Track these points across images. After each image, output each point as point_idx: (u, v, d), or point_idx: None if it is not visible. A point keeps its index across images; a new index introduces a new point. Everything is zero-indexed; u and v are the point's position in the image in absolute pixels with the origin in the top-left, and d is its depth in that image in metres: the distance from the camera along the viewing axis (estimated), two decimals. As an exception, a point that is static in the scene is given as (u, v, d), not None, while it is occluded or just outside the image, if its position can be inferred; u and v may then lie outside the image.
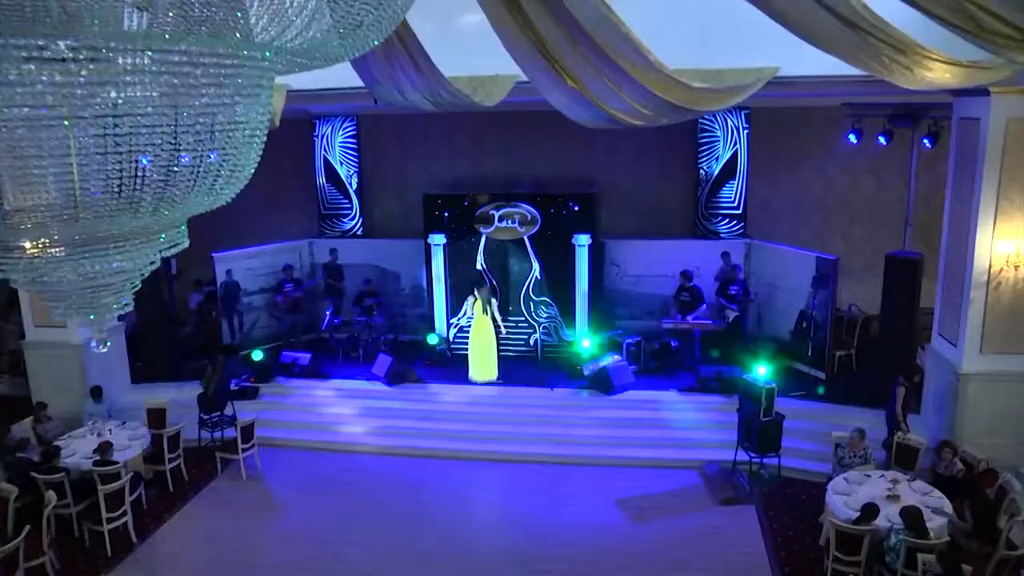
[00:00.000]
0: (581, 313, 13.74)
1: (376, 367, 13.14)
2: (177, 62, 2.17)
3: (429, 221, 13.87)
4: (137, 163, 2.18)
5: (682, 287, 13.18)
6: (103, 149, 2.16)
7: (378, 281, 14.81)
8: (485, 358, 12.97)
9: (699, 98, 7.33)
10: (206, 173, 2.55)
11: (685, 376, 12.93)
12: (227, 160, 2.63)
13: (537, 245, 13.67)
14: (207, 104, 2.33)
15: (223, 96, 2.38)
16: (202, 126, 2.37)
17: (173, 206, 2.42)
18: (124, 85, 2.11)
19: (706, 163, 14.42)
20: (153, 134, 2.21)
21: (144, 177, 2.31)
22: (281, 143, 15.91)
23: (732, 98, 8.03)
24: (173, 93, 2.24)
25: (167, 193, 2.40)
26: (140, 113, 2.20)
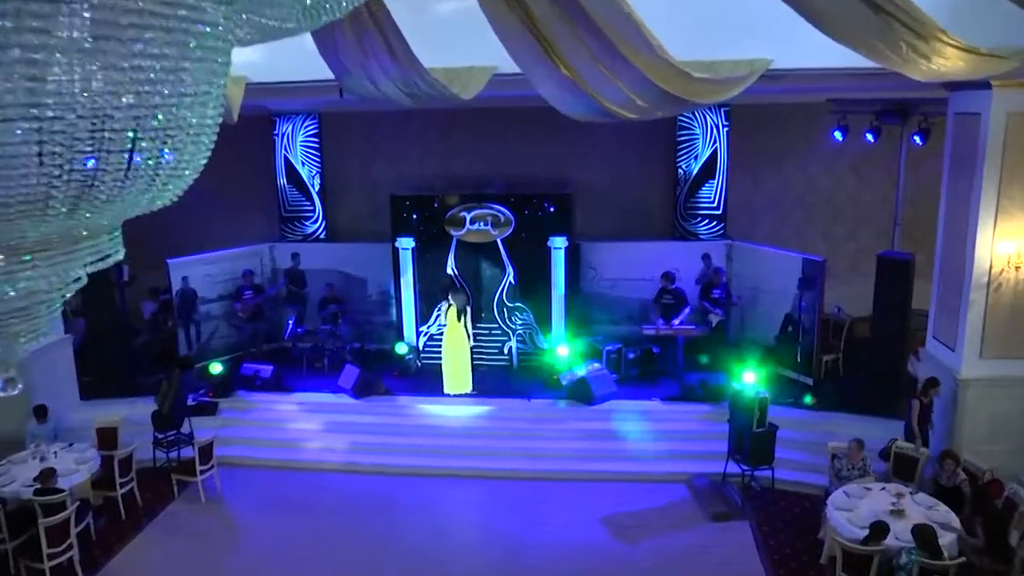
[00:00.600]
0: (557, 319, 13.20)
1: (342, 379, 12.46)
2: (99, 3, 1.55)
3: (397, 224, 13.22)
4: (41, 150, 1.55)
5: (664, 290, 12.69)
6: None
7: (343, 287, 14.14)
8: (459, 369, 12.37)
9: (699, 89, 6.81)
10: (147, 165, 1.93)
11: (668, 384, 12.45)
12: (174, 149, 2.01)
13: (511, 248, 13.11)
14: (143, 67, 1.71)
15: (166, 58, 1.76)
16: (139, 98, 1.75)
17: (98, 207, 1.79)
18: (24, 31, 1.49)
19: (685, 162, 13.97)
20: (65, 105, 1.58)
21: (61, 168, 1.68)
22: (239, 142, 15.27)
23: (730, 90, 7.52)
24: (96, 50, 1.62)
25: (90, 190, 1.77)
26: (49, 78, 1.57)
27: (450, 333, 12.40)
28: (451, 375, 12.38)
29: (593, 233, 13.98)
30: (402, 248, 13.26)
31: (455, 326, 12.36)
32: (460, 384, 12.40)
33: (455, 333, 12.37)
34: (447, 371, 12.39)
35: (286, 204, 14.88)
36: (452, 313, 12.36)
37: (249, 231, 14.66)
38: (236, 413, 12.16)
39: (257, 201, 15.05)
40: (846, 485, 8.98)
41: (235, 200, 14.78)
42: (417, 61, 6.23)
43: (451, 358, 12.39)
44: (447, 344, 12.44)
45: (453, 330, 12.38)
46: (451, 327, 12.38)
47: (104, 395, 12.08)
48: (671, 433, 11.42)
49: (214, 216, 14.60)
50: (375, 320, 14.26)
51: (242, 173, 14.77)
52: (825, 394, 11.86)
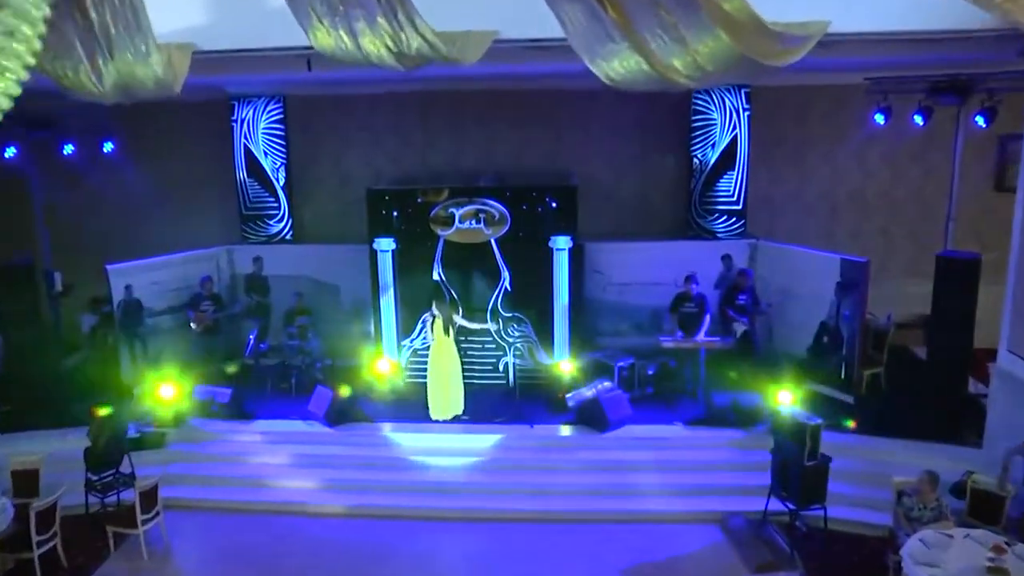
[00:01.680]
0: (561, 330, 11.75)
1: (313, 403, 10.91)
2: None
3: (374, 222, 11.70)
4: None
5: (684, 296, 11.29)
6: None
7: (312, 296, 12.63)
8: (448, 390, 10.87)
9: (768, 49, 5.41)
10: None
11: (691, 405, 11.05)
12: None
13: (506, 250, 11.64)
14: None
15: None
16: None
17: None
18: None
19: (701, 150, 12.59)
20: None
21: None
22: (192, 130, 13.78)
23: (794, 54, 6.14)
24: None
25: None
26: None
27: (437, 350, 10.90)
28: (439, 398, 10.88)
29: (597, 232, 12.55)
30: (381, 250, 11.74)
31: (443, 341, 10.87)
32: (449, 407, 10.91)
33: (443, 349, 10.88)
34: (434, 393, 10.89)
35: (247, 201, 13.30)
36: (438, 327, 10.86)
37: (205, 232, 13.12)
38: (188, 446, 10.57)
39: (214, 198, 13.51)
40: (919, 530, 7.60)
41: (188, 197, 13.28)
42: (409, 2, 4.76)
43: (439, 378, 10.89)
44: (434, 362, 10.94)
45: (440, 346, 10.88)
46: (438, 343, 10.88)
47: (27, 427, 10.41)
48: (698, 464, 10.04)
49: (163, 215, 13.16)
50: (350, 333, 12.73)
51: (196, 165, 13.31)
52: (868, 415, 10.51)
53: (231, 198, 13.34)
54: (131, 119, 12.99)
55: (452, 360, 10.94)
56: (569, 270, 11.60)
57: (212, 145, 13.28)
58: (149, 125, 12.48)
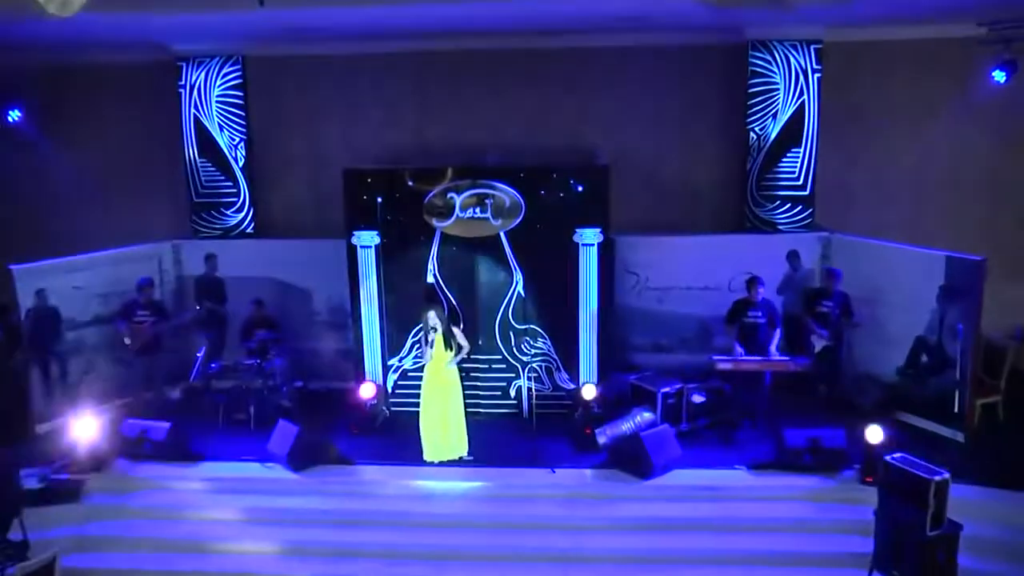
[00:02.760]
0: (588, 346, 9.86)
1: (273, 441, 9.00)
2: None
3: (354, 211, 9.80)
4: None
5: (746, 303, 9.37)
6: None
7: (278, 303, 10.78)
8: (447, 425, 8.96)
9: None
10: None
11: (753, 443, 9.17)
12: None
13: (520, 245, 9.78)
14: None
15: None
16: None
17: None
18: None
19: (759, 123, 10.67)
20: None
21: None
22: (130, 97, 11.73)
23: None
24: None
25: None
26: None
27: (433, 373, 8.99)
28: (436, 435, 8.98)
29: (631, 224, 10.63)
30: (362, 246, 9.84)
31: (440, 362, 8.95)
32: (449, 446, 9.00)
33: (440, 372, 8.96)
34: (430, 429, 8.99)
35: (198, 186, 11.36)
36: (438, 342, 8.93)
37: (145, 224, 11.33)
38: (112, 497, 8.62)
39: (156, 182, 11.66)
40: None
41: (123, 180, 11.50)
42: None
43: (436, 410, 8.98)
44: (430, 389, 9.02)
45: (437, 368, 8.96)
46: (435, 363, 8.96)
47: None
48: (769, 523, 8.11)
49: (91, 203, 11.29)
50: (323, 349, 10.87)
51: (134, 141, 11.57)
52: (982, 457, 8.61)
53: (178, 182, 11.39)
54: (48, 82, 11.13)
55: (452, 386, 9.04)
56: (598, 270, 9.70)
57: (154, 117, 11.40)
58: (71, 90, 10.63)
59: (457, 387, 9.07)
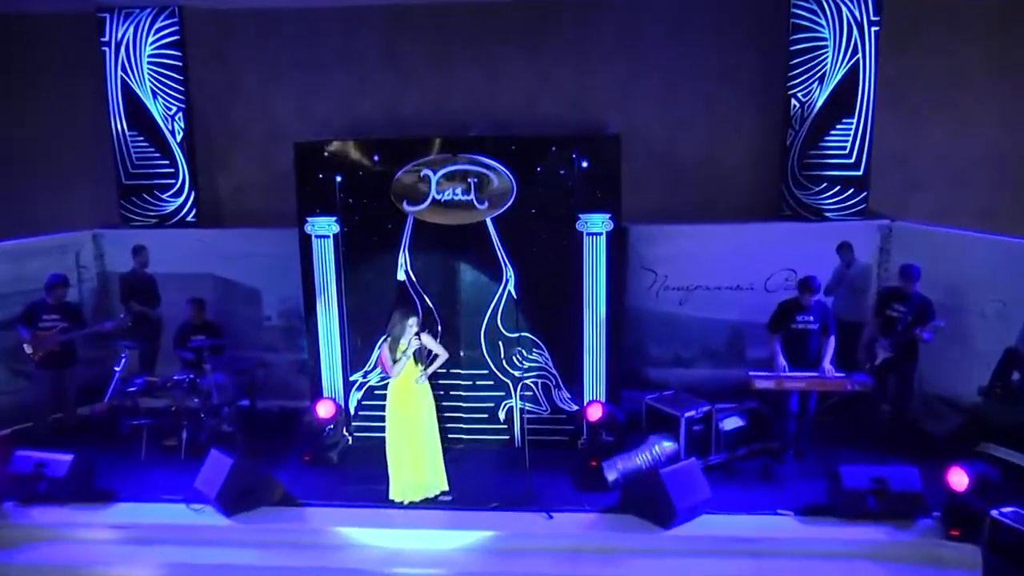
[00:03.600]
0: (595, 359, 8.37)
1: (202, 477, 7.51)
2: None
3: (308, 192, 8.33)
4: None
5: (794, 305, 7.86)
6: None
7: (221, 304, 9.42)
8: (421, 456, 7.48)
9: None
10: None
11: (800, 480, 7.71)
12: None
13: (511, 235, 8.30)
14: None
15: None
16: None
17: None
18: None
19: (803, 88, 9.19)
20: None
21: None
22: (43, 56, 8.93)
23: None
24: None
25: None
26: None
27: (401, 392, 7.49)
28: (405, 469, 7.49)
29: (645, 211, 9.20)
30: (317, 235, 8.37)
31: (409, 378, 7.47)
32: (421, 484, 7.51)
33: (409, 391, 7.47)
34: (398, 462, 7.50)
35: (128, 164, 9.91)
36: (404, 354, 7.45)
37: (60, 210, 10.01)
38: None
39: (75, 159, 10.23)
40: None
41: (32, 157, 10.16)
42: None
43: (405, 438, 7.49)
44: (397, 412, 7.52)
45: (406, 386, 7.47)
46: (403, 381, 7.47)
47: None
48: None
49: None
50: (276, 361, 9.47)
51: (47, 110, 10.15)
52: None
53: (105, 160, 9.91)
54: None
55: (424, 407, 7.54)
56: (606, 266, 8.22)
57: (72, 79, 10.03)
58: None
59: (431, 409, 7.58)
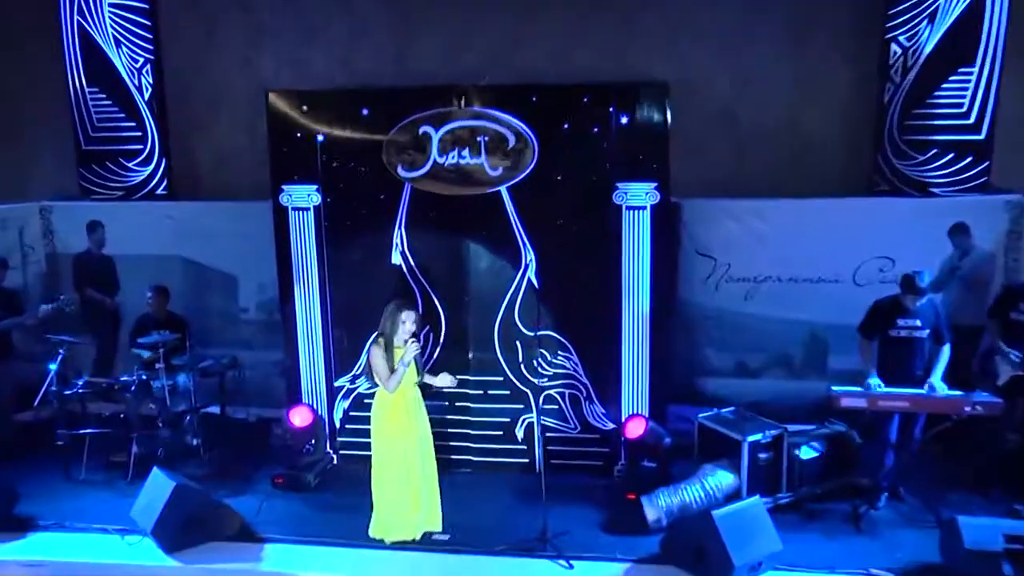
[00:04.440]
0: (634, 366, 6.97)
1: (140, 504, 6.31)
2: None
3: (284, 155, 7.11)
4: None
5: (894, 306, 6.33)
6: None
7: (189, 293, 8.26)
8: (412, 487, 6.12)
9: None
10: None
11: (900, 529, 6.20)
12: None
13: (531, 208, 6.93)
14: None
15: None
16: None
17: None
18: None
19: (906, 31, 7.63)
20: None
21: None
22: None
23: None
24: None
25: None
26: None
27: (389, 407, 6.13)
28: (392, 502, 6.16)
29: (701, 184, 7.78)
30: (294, 207, 7.14)
31: (409, 387, 6.13)
32: (410, 521, 6.17)
33: (399, 407, 6.12)
34: (384, 493, 6.17)
35: (88, 127, 8.78)
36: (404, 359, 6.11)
37: (13, 180, 8.80)
38: None
39: (30, 120, 9.15)
40: None
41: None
42: None
43: (394, 458, 6.13)
44: (384, 431, 6.16)
45: (397, 400, 6.11)
46: (400, 392, 6.11)
47: None
48: None
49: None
50: (253, 362, 8.22)
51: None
52: None
53: (60, 122, 8.82)
54: None
55: (420, 429, 6.19)
56: (652, 250, 6.80)
57: (20, 24, 8.95)
58: None
59: (427, 430, 6.24)
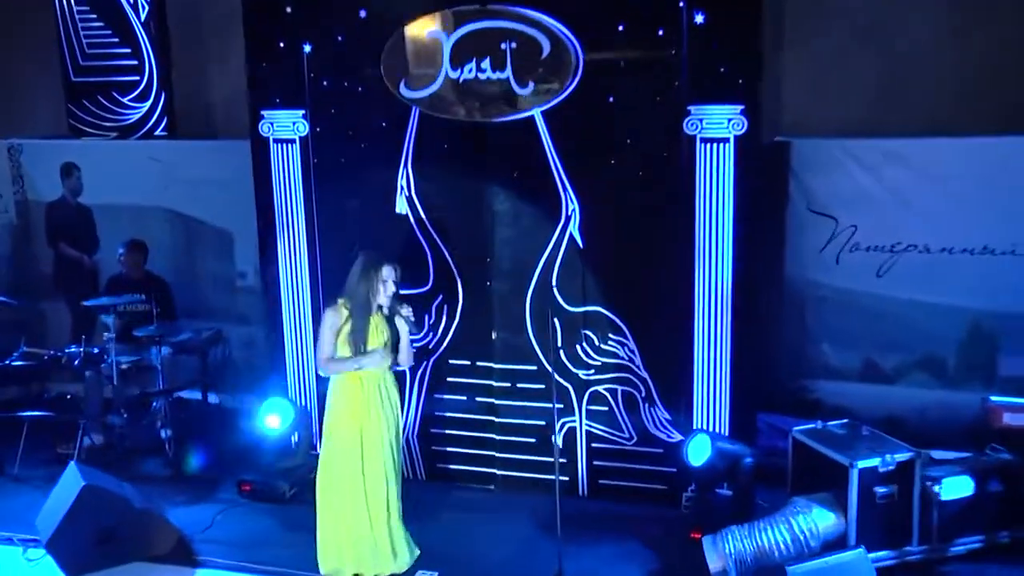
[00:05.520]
0: (710, 357, 5.44)
1: (47, 510, 5.24)
2: None
3: (262, 72, 5.97)
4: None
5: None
6: None
7: (180, 252, 7.40)
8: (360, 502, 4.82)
9: None
10: None
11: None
12: None
13: (573, 141, 5.52)
14: None
15: None
16: None
17: None
18: None
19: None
20: None
21: None
22: None
23: None
24: None
25: None
26: None
27: (355, 399, 4.82)
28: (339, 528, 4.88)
29: (820, 118, 6.21)
30: (276, 139, 5.98)
31: (378, 374, 4.81)
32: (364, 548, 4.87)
33: (372, 400, 4.82)
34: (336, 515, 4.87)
35: (79, 54, 7.84)
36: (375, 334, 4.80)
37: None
38: None
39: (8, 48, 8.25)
40: None
41: None
42: None
43: (352, 477, 4.83)
44: (343, 431, 4.85)
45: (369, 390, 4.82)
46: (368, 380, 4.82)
47: None
48: None
49: None
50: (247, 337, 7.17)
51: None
52: None
53: (46, 48, 7.95)
54: None
55: (376, 426, 4.82)
56: (737, 200, 5.26)
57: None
58: None
59: (393, 431, 4.89)
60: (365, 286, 4.76)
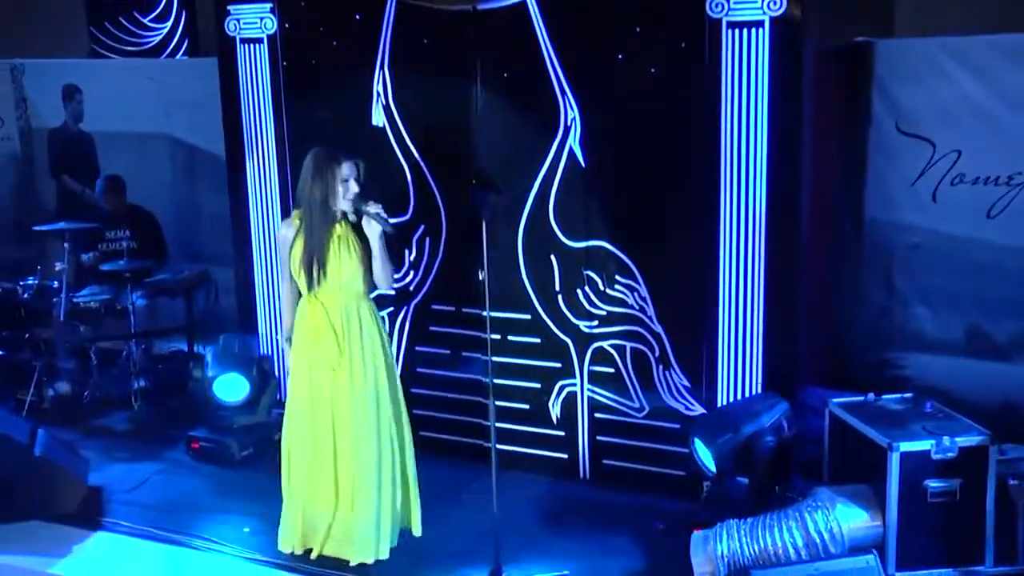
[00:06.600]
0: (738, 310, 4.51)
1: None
2: None
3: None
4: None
5: None
6: None
7: (172, 186, 7.09)
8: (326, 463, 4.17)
9: None
10: None
11: None
12: None
13: (572, 30, 4.66)
14: None
15: None
16: None
17: None
18: None
19: None
20: None
21: None
22: None
23: None
24: None
25: None
26: None
27: (314, 323, 4.13)
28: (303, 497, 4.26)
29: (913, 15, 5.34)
30: (243, 38, 5.47)
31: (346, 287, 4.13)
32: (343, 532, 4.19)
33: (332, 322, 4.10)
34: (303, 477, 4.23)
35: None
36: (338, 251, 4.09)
37: None
38: None
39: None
40: None
41: None
42: None
43: (302, 420, 4.20)
44: (298, 355, 4.22)
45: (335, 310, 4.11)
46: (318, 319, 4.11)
47: None
48: None
49: None
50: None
51: None
52: None
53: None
54: None
55: (351, 365, 4.11)
56: (771, 100, 4.30)
57: None
58: None
59: (373, 370, 4.15)
60: (321, 189, 4.00)
